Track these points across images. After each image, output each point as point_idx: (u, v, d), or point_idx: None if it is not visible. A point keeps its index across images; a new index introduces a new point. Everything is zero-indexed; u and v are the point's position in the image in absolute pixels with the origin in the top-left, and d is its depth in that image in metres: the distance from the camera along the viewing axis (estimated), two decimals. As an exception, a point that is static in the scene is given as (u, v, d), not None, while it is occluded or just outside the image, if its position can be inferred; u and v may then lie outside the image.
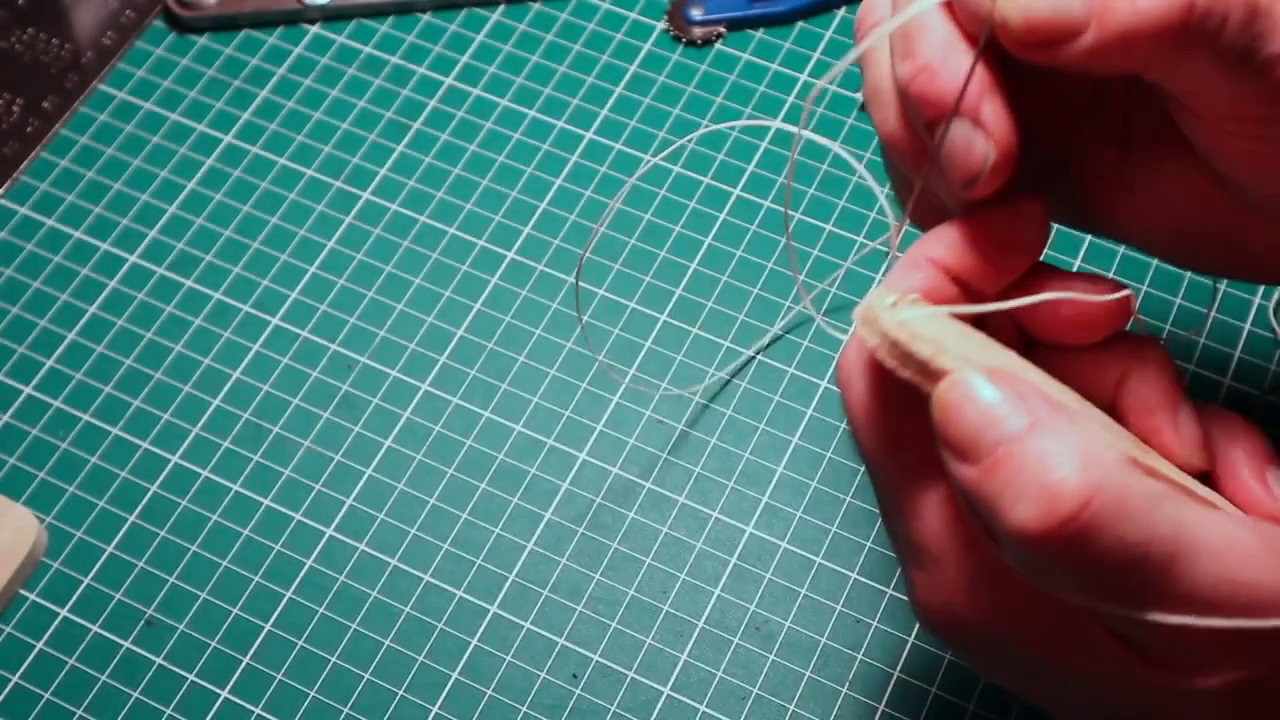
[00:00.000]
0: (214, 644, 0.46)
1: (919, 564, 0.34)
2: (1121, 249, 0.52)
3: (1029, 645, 0.33)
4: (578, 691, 0.45)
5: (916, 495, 0.33)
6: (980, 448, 0.30)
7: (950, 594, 0.33)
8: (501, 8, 0.58)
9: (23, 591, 0.47)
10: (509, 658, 0.46)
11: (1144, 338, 0.36)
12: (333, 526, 0.48)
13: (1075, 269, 0.51)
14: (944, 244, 0.34)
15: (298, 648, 0.46)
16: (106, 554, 0.47)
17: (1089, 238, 0.52)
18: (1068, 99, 0.36)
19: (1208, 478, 0.35)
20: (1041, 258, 0.35)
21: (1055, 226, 0.39)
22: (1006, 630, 0.33)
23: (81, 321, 0.52)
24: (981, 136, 0.31)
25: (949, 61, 0.31)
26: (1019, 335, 0.36)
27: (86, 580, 0.47)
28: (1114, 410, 0.35)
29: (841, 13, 0.57)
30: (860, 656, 0.45)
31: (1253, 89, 0.30)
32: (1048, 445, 0.29)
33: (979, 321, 0.34)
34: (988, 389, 0.30)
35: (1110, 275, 0.51)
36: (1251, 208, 0.34)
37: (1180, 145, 0.34)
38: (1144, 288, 0.51)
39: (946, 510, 0.33)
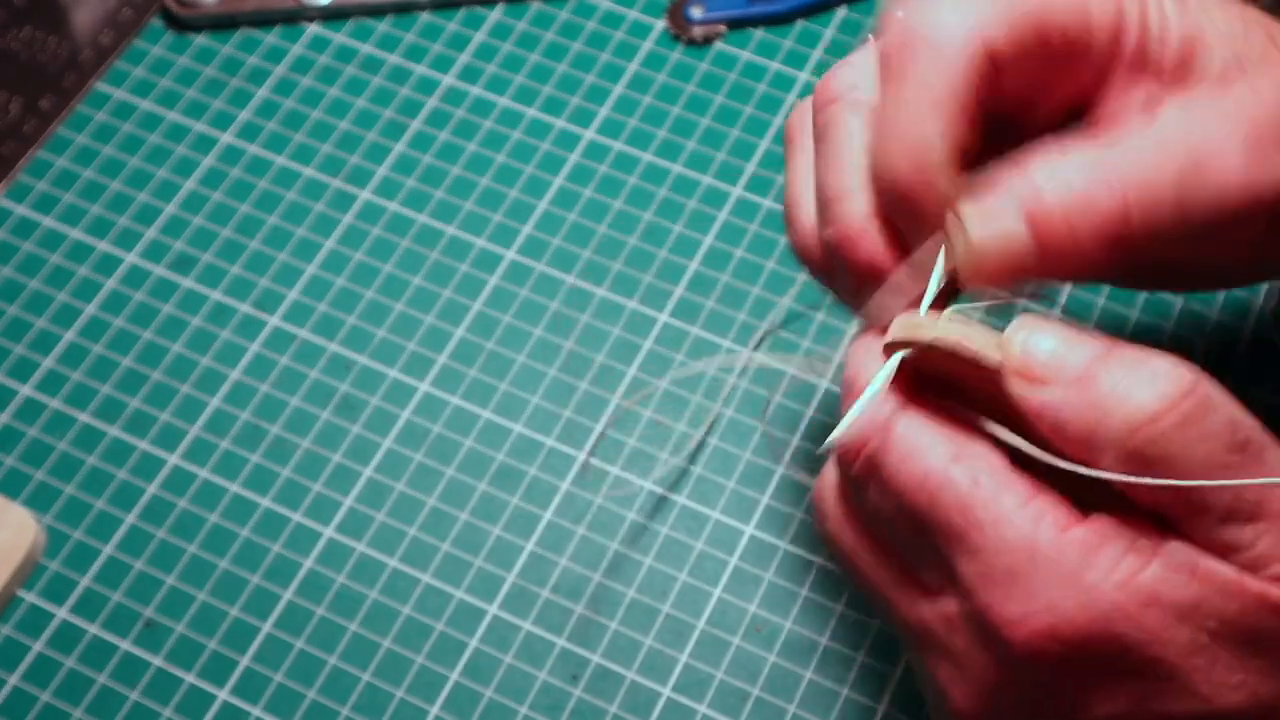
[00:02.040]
0: (213, 645, 0.46)
1: (937, 666, 0.34)
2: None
3: None
4: (578, 692, 0.45)
5: (917, 607, 0.34)
6: (1066, 368, 0.32)
7: (978, 696, 0.33)
8: (501, 6, 0.58)
9: (21, 592, 0.47)
10: (509, 658, 0.46)
11: None
12: (332, 527, 0.48)
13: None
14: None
15: (297, 648, 0.46)
16: (105, 554, 0.47)
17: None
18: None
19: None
20: None
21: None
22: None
23: (80, 321, 0.51)
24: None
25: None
26: None
27: (85, 581, 0.47)
28: None
29: (842, 12, 0.57)
30: (860, 657, 0.45)
31: (1207, 241, 0.33)
32: (1127, 351, 0.32)
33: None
34: (1048, 337, 0.32)
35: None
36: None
37: None
38: (1145, 287, 0.51)
39: (949, 613, 0.33)
